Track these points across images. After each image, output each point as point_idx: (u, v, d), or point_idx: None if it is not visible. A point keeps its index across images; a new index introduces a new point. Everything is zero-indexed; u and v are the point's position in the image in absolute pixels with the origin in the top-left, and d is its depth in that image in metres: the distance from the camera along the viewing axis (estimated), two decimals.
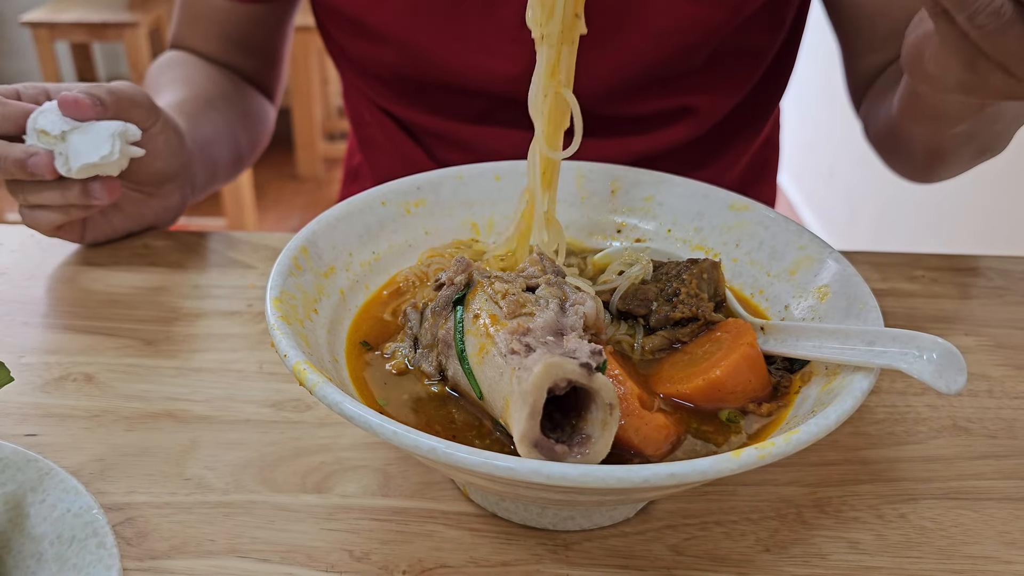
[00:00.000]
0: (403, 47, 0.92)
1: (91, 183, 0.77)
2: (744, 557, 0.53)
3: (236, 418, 0.63)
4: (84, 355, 0.70)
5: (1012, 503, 0.57)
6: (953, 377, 0.46)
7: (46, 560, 0.48)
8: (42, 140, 0.74)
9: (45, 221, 0.79)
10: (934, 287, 0.81)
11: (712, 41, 0.89)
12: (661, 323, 0.60)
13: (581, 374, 0.45)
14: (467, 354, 0.51)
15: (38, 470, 0.52)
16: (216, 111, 0.97)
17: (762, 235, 0.66)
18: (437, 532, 0.55)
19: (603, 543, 0.54)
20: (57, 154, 0.74)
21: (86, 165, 0.74)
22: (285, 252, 0.58)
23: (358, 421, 0.44)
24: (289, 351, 0.49)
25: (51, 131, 0.74)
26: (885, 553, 0.54)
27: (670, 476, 0.41)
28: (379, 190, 0.68)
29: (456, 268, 0.55)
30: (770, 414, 0.54)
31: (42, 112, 0.75)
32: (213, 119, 0.96)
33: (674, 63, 0.91)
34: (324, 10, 0.97)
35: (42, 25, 3.04)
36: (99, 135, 0.75)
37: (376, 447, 0.61)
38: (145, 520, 0.55)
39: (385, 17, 0.90)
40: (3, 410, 0.63)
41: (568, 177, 0.73)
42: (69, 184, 0.76)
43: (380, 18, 0.90)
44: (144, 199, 0.85)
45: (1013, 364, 0.71)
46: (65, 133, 0.74)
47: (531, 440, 0.44)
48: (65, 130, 0.74)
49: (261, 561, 0.52)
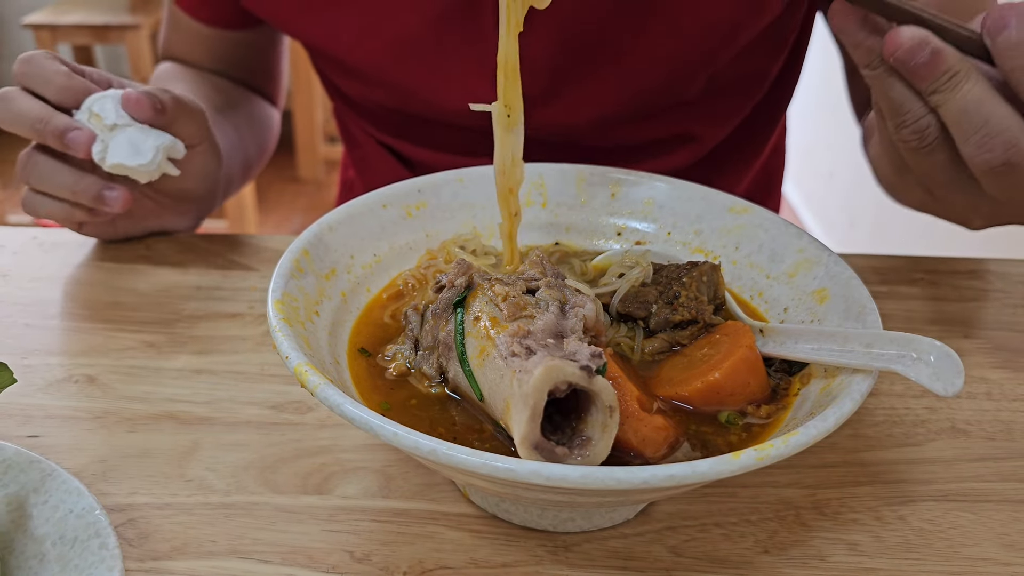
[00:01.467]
0: (387, 85, 0.91)
1: (107, 191, 0.76)
2: (743, 559, 0.53)
3: (237, 420, 0.63)
4: (86, 357, 0.70)
5: (1011, 505, 0.58)
6: (951, 379, 0.46)
7: (48, 561, 0.48)
8: (92, 122, 0.74)
9: (45, 210, 0.78)
10: (933, 290, 0.81)
11: (709, 69, 0.88)
12: (661, 326, 0.60)
13: (581, 377, 0.45)
14: (468, 356, 0.52)
15: (40, 471, 0.52)
16: (227, 121, 0.97)
17: (762, 238, 0.67)
18: (438, 533, 0.55)
19: (603, 544, 0.54)
20: (99, 140, 0.74)
21: (120, 164, 0.74)
22: (287, 254, 0.58)
23: (359, 423, 0.44)
24: (291, 353, 0.49)
25: (105, 118, 0.74)
26: (884, 555, 0.54)
27: (669, 478, 0.41)
28: (380, 193, 0.68)
29: (457, 270, 0.56)
30: (769, 416, 0.54)
31: (102, 98, 0.75)
32: (226, 131, 0.95)
33: (672, 92, 0.89)
34: (309, 49, 0.96)
35: (44, 27, 3.04)
36: (146, 142, 0.75)
37: (377, 449, 0.61)
38: (147, 521, 0.55)
39: (367, 58, 0.89)
40: (6, 411, 0.63)
41: (568, 180, 0.73)
42: (85, 179, 0.75)
43: (362, 58, 0.89)
44: (158, 210, 0.84)
45: (1012, 367, 0.71)
46: (116, 126, 0.74)
47: (532, 442, 0.45)
48: (117, 123, 0.74)
49: (262, 562, 0.52)
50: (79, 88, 0.75)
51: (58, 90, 0.74)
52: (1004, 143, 0.53)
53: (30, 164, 0.76)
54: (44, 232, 0.88)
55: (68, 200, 0.77)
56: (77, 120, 0.74)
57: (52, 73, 0.74)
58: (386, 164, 1.03)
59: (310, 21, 0.88)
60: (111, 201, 0.76)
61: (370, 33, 0.86)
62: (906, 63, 0.52)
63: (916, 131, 0.55)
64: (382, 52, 0.88)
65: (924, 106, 0.55)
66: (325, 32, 0.89)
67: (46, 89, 0.74)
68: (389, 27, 0.85)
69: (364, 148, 1.06)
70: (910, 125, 0.55)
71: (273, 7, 0.90)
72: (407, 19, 0.84)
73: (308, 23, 0.89)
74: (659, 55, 0.85)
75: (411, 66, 0.88)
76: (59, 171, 0.76)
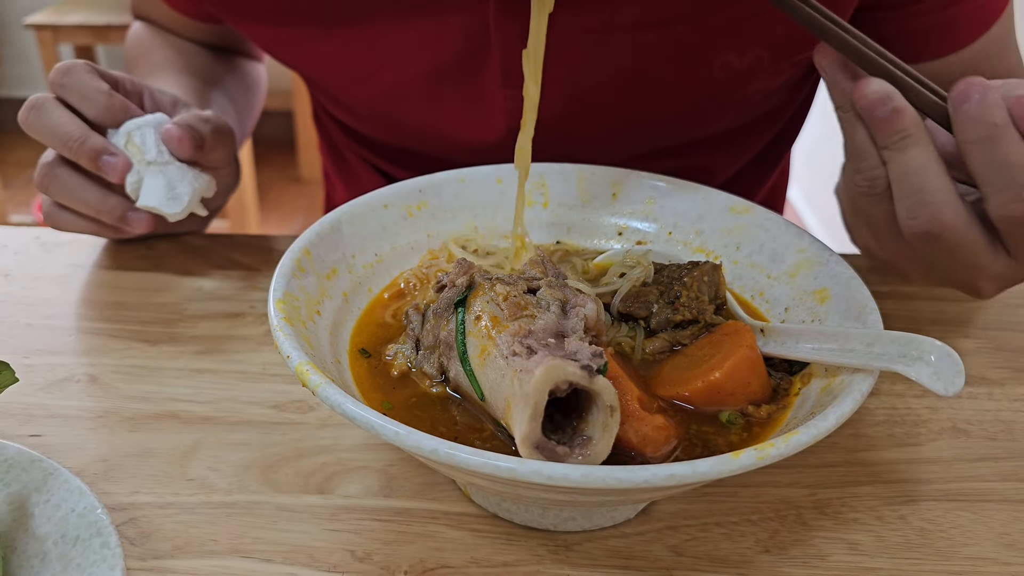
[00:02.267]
0: (383, 120, 0.89)
1: (132, 212, 0.75)
2: (744, 558, 0.53)
3: (239, 419, 0.64)
4: (88, 356, 0.70)
5: (1011, 505, 0.58)
6: (951, 379, 0.46)
7: (50, 560, 0.48)
8: (130, 150, 0.73)
9: (66, 223, 0.77)
10: (935, 290, 0.81)
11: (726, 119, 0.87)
12: (662, 325, 0.60)
13: (582, 376, 0.45)
14: (469, 356, 0.52)
15: (42, 470, 0.52)
16: (223, 94, 0.95)
17: (763, 238, 0.67)
18: (439, 533, 0.55)
19: (604, 544, 0.54)
20: (134, 170, 0.73)
21: (151, 207, 0.74)
22: (288, 254, 0.59)
23: (360, 422, 0.44)
24: (292, 352, 0.49)
25: (145, 152, 0.73)
26: (884, 554, 0.54)
27: (670, 477, 0.41)
28: (381, 193, 0.68)
29: (458, 270, 0.56)
30: (770, 416, 0.54)
31: (144, 127, 0.73)
32: (222, 105, 0.93)
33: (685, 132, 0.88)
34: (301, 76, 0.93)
35: (46, 27, 3.04)
36: (182, 183, 0.75)
37: (378, 448, 0.61)
38: (148, 520, 0.55)
39: (361, 97, 0.87)
40: (8, 411, 0.63)
41: (569, 180, 0.73)
42: (111, 199, 0.74)
43: (355, 97, 0.87)
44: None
45: (1013, 367, 0.71)
46: (154, 164, 0.73)
47: (533, 442, 0.45)
48: (157, 161, 0.73)
49: (264, 561, 0.53)
50: (119, 108, 0.73)
51: (98, 110, 0.73)
52: (929, 215, 0.55)
53: (51, 176, 0.74)
54: (46, 232, 0.88)
55: (91, 217, 0.76)
56: (113, 144, 0.73)
57: (93, 91, 0.73)
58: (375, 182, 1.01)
59: (304, 55, 0.86)
60: (135, 223, 0.75)
61: (363, 78, 0.84)
62: (868, 113, 0.54)
63: (868, 179, 0.58)
64: (376, 95, 0.85)
65: (879, 157, 0.57)
66: (317, 68, 0.87)
67: (85, 106, 0.73)
68: (386, 73, 0.82)
69: (352, 164, 1.04)
70: (864, 172, 0.58)
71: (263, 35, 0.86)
72: (405, 66, 0.81)
73: (301, 57, 0.87)
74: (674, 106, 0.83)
75: (406, 109, 0.86)
76: (83, 188, 0.74)
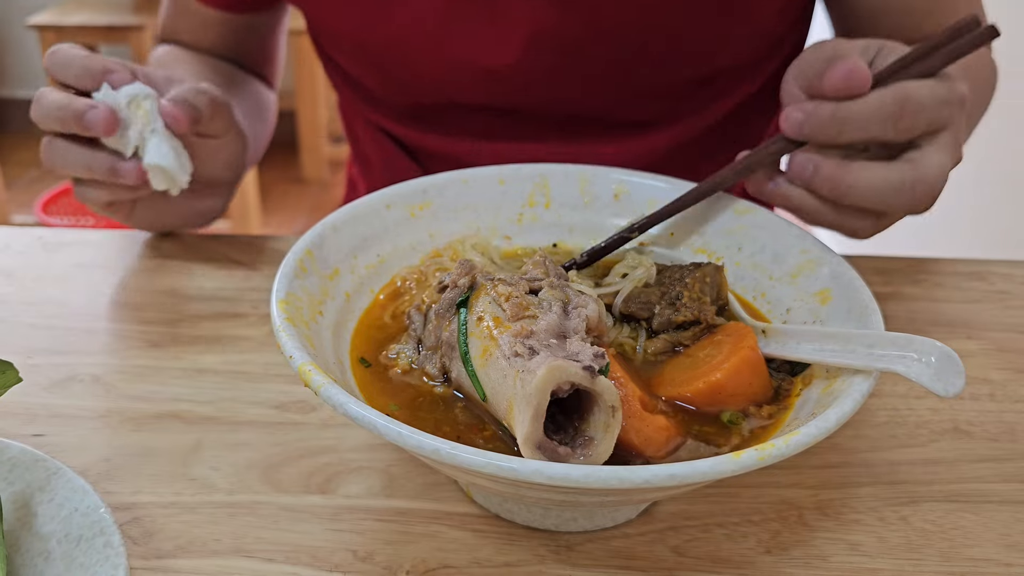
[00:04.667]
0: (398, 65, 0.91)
1: (121, 162, 0.75)
2: (745, 559, 0.54)
3: (241, 419, 0.64)
4: (91, 356, 0.70)
5: (1013, 506, 0.58)
6: (951, 380, 0.46)
7: (54, 559, 0.49)
8: (131, 109, 0.74)
9: (92, 197, 0.78)
10: (937, 291, 0.81)
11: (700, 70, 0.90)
12: (663, 326, 0.60)
13: (584, 377, 0.45)
14: (471, 356, 0.52)
15: (46, 470, 0.53)
16: (237, 108, 0.95)
17: (765, 239, 0.67)
18: (441, 533, 0.55)
19: (605, 544, 0.54)
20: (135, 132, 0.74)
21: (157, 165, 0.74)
22: (291, 255, 0.59)
23: (363, 422, 0.44)
24: (295, 352, 0.49)
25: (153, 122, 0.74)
26: (886, 555, 0.54)
27: (671, 477, 0.41)
28: (384, 193, 0.68)
29: (460, 271, 0.56)
30: (771, 416, 0.54)
31: (151, 97, 0.75)
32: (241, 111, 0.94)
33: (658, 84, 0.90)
34: (318, 28, 0.96)
35: (49, 28, 3.05)
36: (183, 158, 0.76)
37: (380, 448, 0.61)
38: (151, 520, 0.55)
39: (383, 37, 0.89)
40: (11, 410, 0.64)
41: (571, 181, 0.73)
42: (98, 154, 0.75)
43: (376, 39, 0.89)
44: (191, 195, 0.83)
45: (1015, 368, 0.71)
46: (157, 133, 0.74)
47: (534, 442, 0.45)
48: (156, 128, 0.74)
49: (266, 561, 0.53)
50: (97, 68, 0.75)
51: (78, 71, 0.75)
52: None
53: (49, 148, 0.76)
54: (49, 232, 0.88)
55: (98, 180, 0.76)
56: (103, 103, 0.73)
57: (72, 56, 0.75)
58: (386, 159, 1.03)
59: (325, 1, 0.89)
60: (125, 172, 0.75)
61: (381, 18, 0.86)
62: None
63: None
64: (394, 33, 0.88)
65: None
66: (336, 11, 0.89)
67: (67, 73, 0.75)
68: (400, 11, 0.85)
69: (364, 144, 1.06)
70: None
71: None
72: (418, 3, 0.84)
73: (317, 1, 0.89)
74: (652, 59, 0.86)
75: (420, 46, 0.88)
76: (71, 150, 0.75)
